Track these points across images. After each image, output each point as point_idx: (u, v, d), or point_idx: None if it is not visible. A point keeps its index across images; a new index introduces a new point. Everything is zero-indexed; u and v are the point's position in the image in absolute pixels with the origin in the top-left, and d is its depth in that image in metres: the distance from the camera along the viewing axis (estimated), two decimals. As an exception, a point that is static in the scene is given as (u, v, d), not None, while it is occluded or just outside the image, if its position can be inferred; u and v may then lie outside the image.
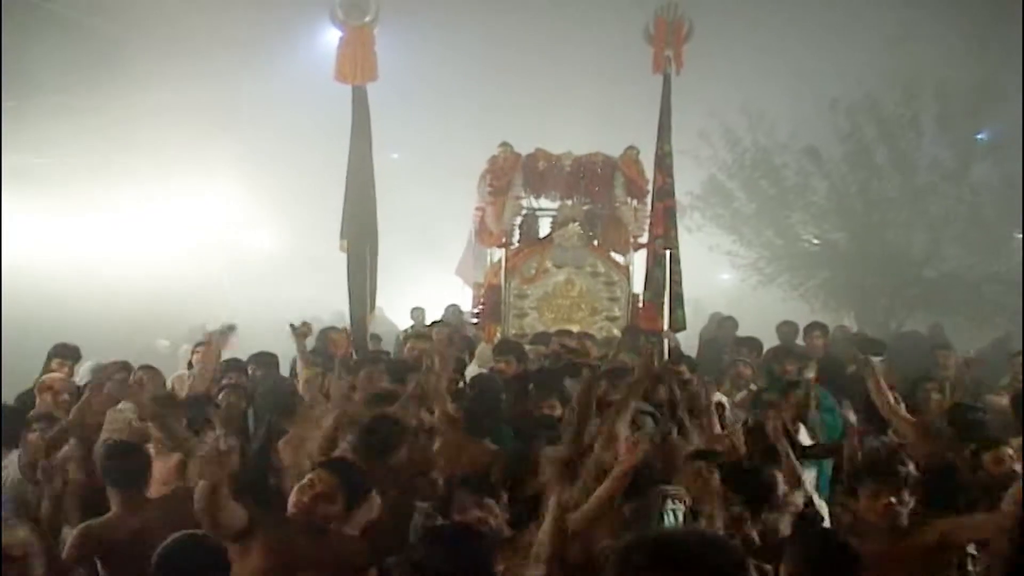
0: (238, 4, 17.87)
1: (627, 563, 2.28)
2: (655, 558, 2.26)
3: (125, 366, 8.00)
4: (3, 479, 5.98)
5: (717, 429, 6.52)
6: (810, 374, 8.16)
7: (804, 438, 6.99)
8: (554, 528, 4.34)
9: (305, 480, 4.50)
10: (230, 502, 4.32)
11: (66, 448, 6.02)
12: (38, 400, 7.41)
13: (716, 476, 5.12)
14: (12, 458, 6.20)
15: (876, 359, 7.72)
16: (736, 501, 5.07)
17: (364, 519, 4.88)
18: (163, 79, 16.87)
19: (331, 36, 11.00)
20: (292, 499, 4.47)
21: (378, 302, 11.06)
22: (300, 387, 7.36)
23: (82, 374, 8.40)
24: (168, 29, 16.92)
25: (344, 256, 10.40)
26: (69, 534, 5.04)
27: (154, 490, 5.54)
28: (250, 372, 8.41)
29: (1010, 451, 5.93)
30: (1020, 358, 9.10)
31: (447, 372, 6.94)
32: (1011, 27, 17.18)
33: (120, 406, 7.15)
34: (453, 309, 13.00)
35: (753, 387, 8.41)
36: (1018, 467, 5.87)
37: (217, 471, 4.15)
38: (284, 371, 8.76)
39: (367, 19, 10.47)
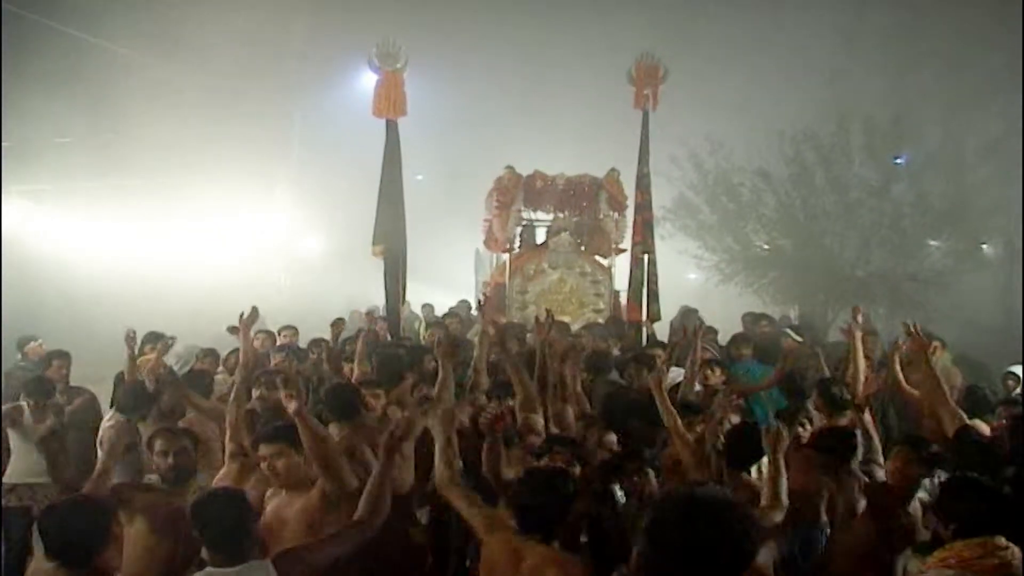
0: (290, 57, 18.06)
1: (660, 515, 2.20)
2: (683, 512, 2.17)
3: (212, 351, 8.10)
4: (101, 439, 5.94)
5: None
6: None
7: None
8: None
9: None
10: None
11: None
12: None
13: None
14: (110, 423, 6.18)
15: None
16: None
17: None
18: (234, 116, 16.97)
19: (369, 79, 11.01)
20: None
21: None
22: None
23: (175, 354, 8.42)
24: (238, 79, 17.03)
25: (375, 260, 10.42)
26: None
27: None
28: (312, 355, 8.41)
29: None
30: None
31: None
32: (921, 73, 17.30)
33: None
34: (464, 304, 12.98)
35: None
36: None
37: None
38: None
39: (398, 65, 10.45)
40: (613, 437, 5.46)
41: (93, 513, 3.59)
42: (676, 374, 7.29)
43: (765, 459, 4.48)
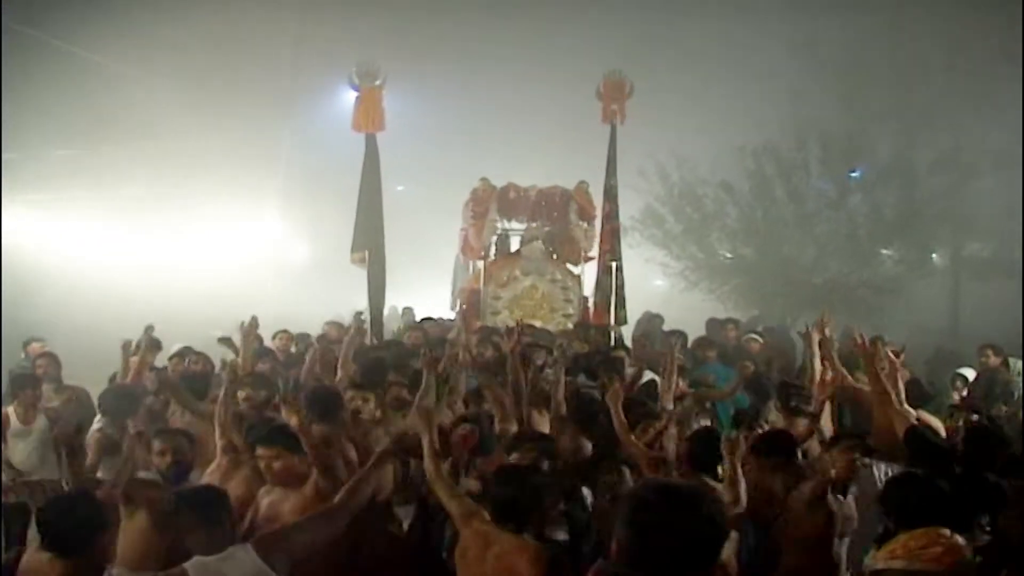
0: (279, 74, 18.08)
1: (636, 502, 2.22)
2: (662, 500, 2.19)
3: (203, 355, 8.05)
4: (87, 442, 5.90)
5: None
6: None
7: None
8: None
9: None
10: None
11: None
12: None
13: None
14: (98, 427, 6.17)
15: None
16: None
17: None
18: (220, 130, 16.91)
19: (349, 96, 11.00)
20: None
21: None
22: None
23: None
24: (227, 93, 16.99)
25: (355, 267, 10.44)
26: None
27: None
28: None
29: None
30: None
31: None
32: (875, 90, 17.52)
33: None
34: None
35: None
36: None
37: None
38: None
39: (377, 83, 10.49)
40: (586, 440, 5.54)
41: (89, 505, 3.73)
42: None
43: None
